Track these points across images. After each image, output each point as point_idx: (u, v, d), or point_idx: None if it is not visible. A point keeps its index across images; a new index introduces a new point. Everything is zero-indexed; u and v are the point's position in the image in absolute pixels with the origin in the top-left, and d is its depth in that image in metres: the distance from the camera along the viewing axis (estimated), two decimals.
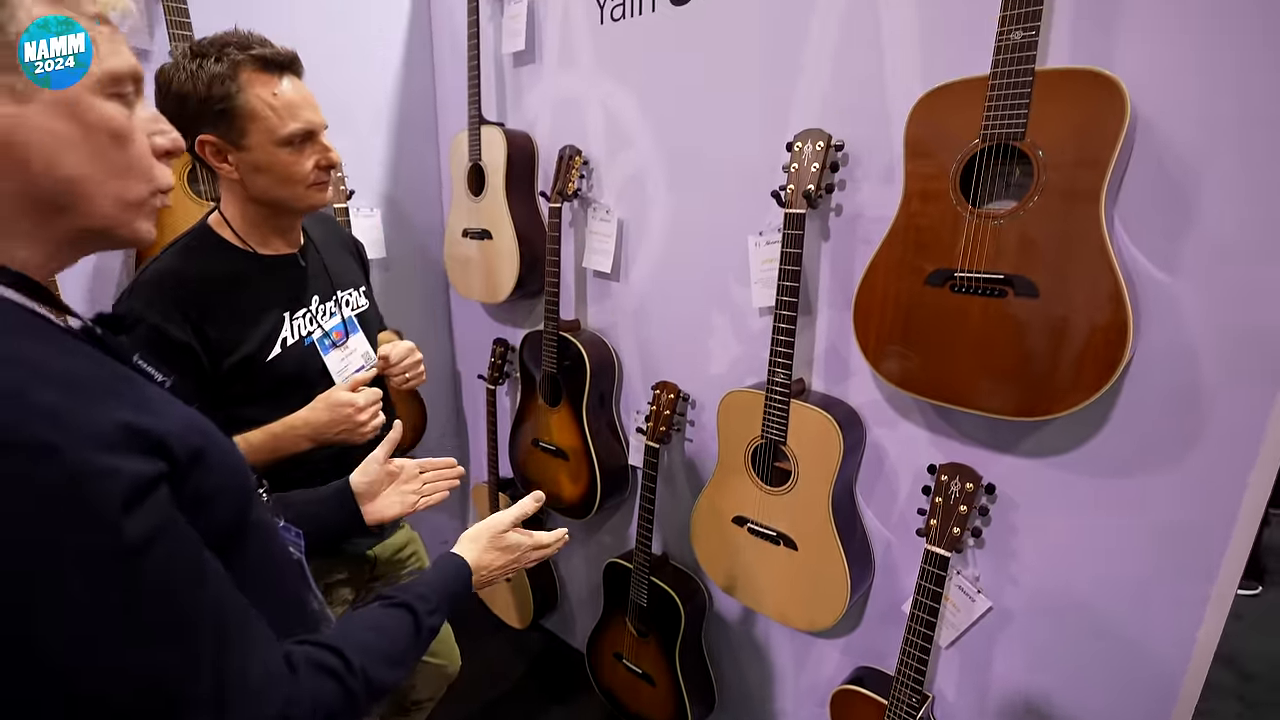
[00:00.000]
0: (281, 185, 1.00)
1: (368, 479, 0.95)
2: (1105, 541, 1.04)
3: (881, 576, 1.33)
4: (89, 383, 0.45)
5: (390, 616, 0.69)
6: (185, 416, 0.50)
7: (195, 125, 0.95)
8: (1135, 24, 0.90)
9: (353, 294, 1.20)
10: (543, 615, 2.15)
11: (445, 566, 0.81)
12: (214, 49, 0.93)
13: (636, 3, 1.47)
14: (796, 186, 1.17)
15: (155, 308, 0.94)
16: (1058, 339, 0.94)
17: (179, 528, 0.47)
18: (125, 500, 0.42)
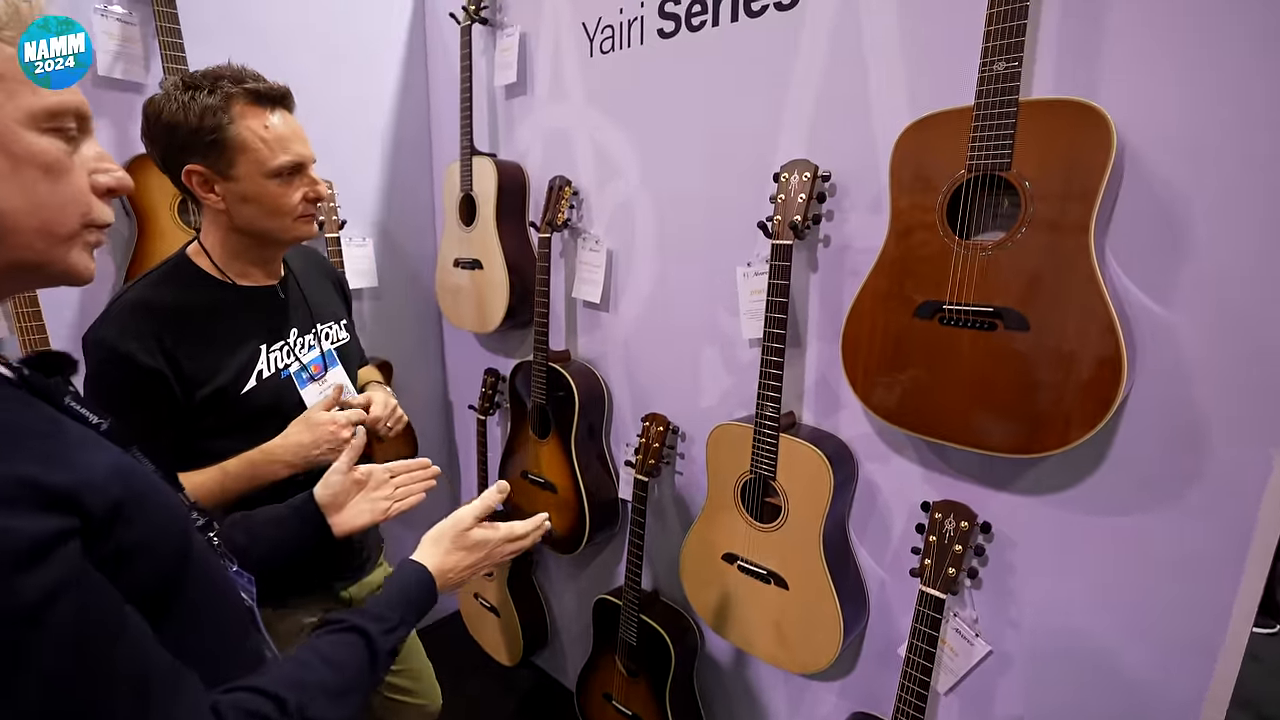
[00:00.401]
0: (268, 217, 1.00)
1: (331, 490, 0.91)
2: (1109, 582, 1.00)
3: (877, 616, 1.28)
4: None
5: (338, 644, 0.66)
6: (110, 467, 0.48)
7: (183, 155, 0.95)
8: (1118, 54, 0.89)
9: (333, 327, 1.18)
10: (533, 652, 2.09)
11: (404, 576, 0.77)
12: (207, 81, 0.94)
13: (625, 36, 1.48)
14: (783, 217, 1.15)
15: (126, 335, 0.92)
16: (1050, 373, 0.91)
17: (89, 583, 0.44)
18: (17, 560, 0.40)
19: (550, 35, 1.64)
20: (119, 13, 1.49)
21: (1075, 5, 0.91)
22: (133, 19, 1.51)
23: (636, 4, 1.44)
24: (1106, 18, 0.89)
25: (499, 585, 2.01)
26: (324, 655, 0.64)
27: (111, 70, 1.50)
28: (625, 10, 1.47)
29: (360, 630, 0.67)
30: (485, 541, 0.83)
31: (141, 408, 0.94)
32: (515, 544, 0.87)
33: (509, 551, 0.86)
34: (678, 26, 1.38)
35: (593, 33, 1.54)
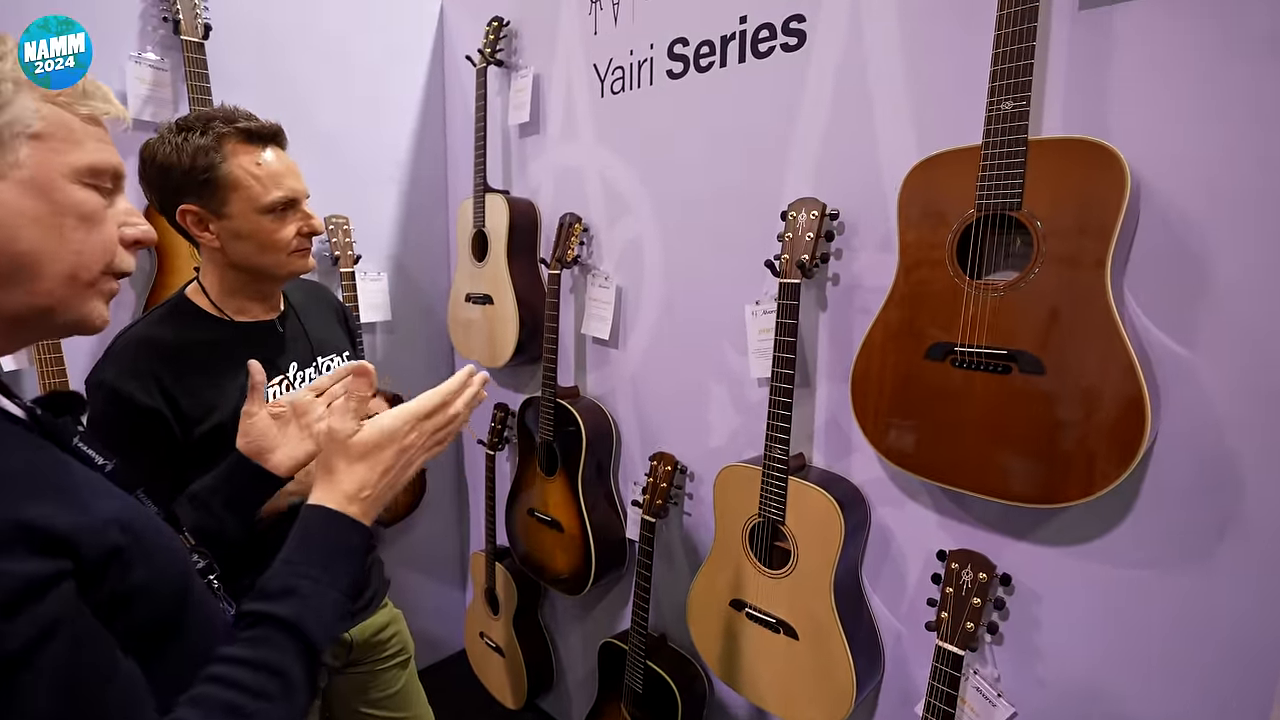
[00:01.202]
0: (263, 252, 1.00)
1: (250, 436, 0.83)
2: (1144, 640, 0.94)
3: (893, 671, 1.21)
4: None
5: (247, 648, 0.54)
6: (112, 512, 0.49)
7: (177, 196, 0.96)
8: (1128, 91, 0.87)
9: (335, 360, 1.18)
10: (538, 695, 2.04)
11: (305, 526, 0.61)
12: (199, 123, 0.96)
13: (635, 77, 1.50)
14: (791, 256, 1.14)
15: (125, 375, 0.93)
16: (1070, 420, 0.87)
17: (81, 626, 0.44)
18: (9, 602, 0.40)
19: (563, 76, 1.67)
20: (152, 59, 1.56)
21: (1082, 43, 0.90)
22: (164, 65, 1.57)
23: (646, 46, 1.46)
24: (1114, 55, 0.88)
25: (505, 625, 1.97)
26: (225, 679, 0.51)
27: (142, 112, 1.56)
28: (635, 52, 1.49)
29: (268, 617, 0.55)
30: (388, 434, 0.65)
31: (142, 446, 0.94)
32: (437, 418, 0.68)
33: (435, 429, 0.68)
34: (686, 68, 1.39)
35: (604, 74, 1.57)
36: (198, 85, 1.55)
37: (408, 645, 1.35)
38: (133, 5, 1.54)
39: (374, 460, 0.64)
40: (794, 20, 1.20)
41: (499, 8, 1.80)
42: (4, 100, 0.48)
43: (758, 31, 1.26)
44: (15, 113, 0.49)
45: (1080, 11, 0.90)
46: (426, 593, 2.28)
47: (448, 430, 0.70)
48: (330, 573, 0.59)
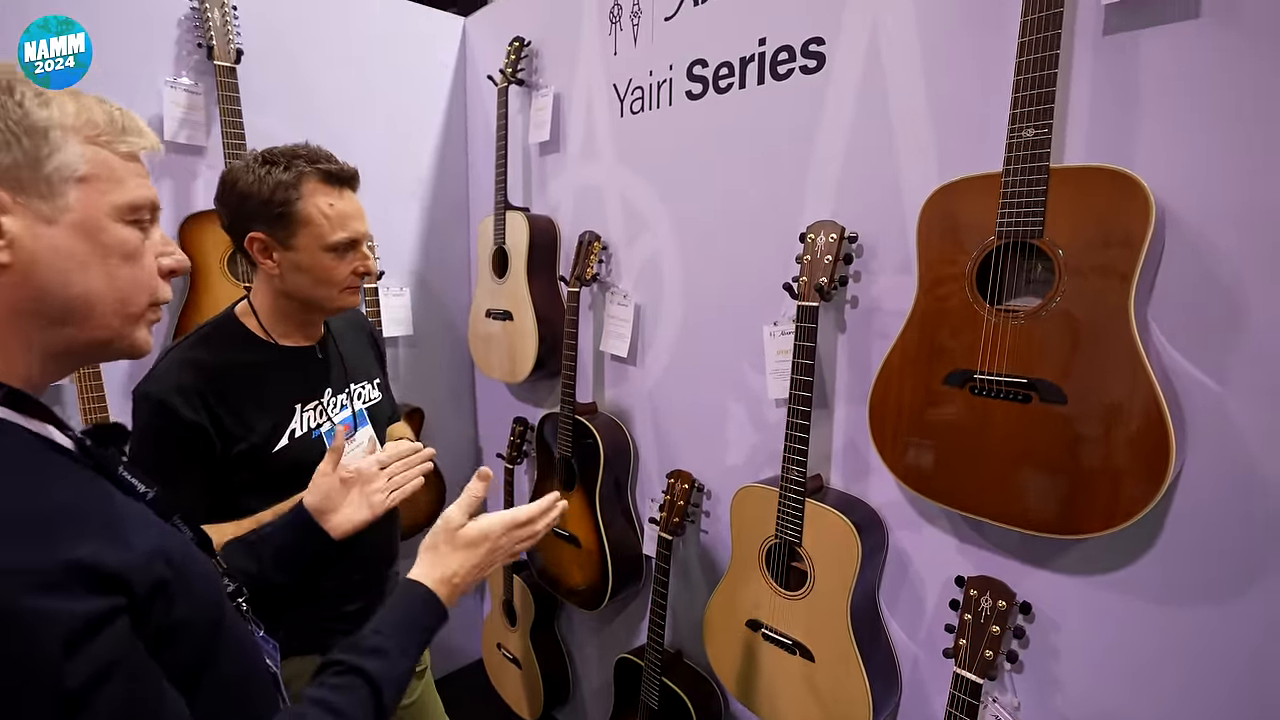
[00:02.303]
0: (318, 286, 1.05)
1: (319, 494, 0.89)
2: (1165, 673, 0.92)
3: (910, 696, 1.20)
4: (45, 517, 0.45)
5: (338, 692, 0.63)
6: (157, 546, 0.50)
7: (250, 223, 1.01)
8: (1154, 117, 0.86)
9: (366, 386, 1.21)
10: (554, 707, 2.04)
11: (405, 600, 0.72)
12: (284, 159, 1.00)
13: (654, 98, 1.51)
14: (809, 278, 1.14)
15: (172, 390, 0.96)
16: (1091, 451, 0.86)
17: (134, 661, 0.46)
18: (69, 642, 0.41)
19: (583, 96, 1.70)
20: (186, 84, 1.61)
21: (1106, 70, 0.89)
22: (198, 89, 1.62)
23: (665, 67, 1.48)
24: (1140, 81, 0.87)
25: (522, 636, 1.98)
26: (326, 704, 0.61)
27: (176, 135, 1.61)
28: (655, 73, 1.50)
29: (358, 670, 0.64)
30: (485, 534, 0.77)
31: (184, 459, 0.98)
32: (524, 530, 0.80)
33: (519, 539, 0.80)
34: (705, 89, 1.40)
35: (623, 94, 1.59)
36: (229, 108, 1.59)
37: (424, 657, 1.38)
38: (169, 32, 1.59)
39: (471, 552, 0.76)
40: (813, 43, 1.21)
41: (520, 28, 1.83)
42: (53, 147, 0.50)
43: (777, 54, 1.27)
44: (64, 158, 0.50)
45: (1104, 37, 0.89)
46: None
47: (527, 543, 0.81)
48: (412, 645, 0.69)
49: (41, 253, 0.49)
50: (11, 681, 0.39)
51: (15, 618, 0.40)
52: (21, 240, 0.48)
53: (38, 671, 0.40)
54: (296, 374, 1.09)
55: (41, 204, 0.49)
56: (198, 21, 1.60)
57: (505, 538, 0.78)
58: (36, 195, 0.49)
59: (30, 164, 0.48)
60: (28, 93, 0.49)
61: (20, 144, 0.48)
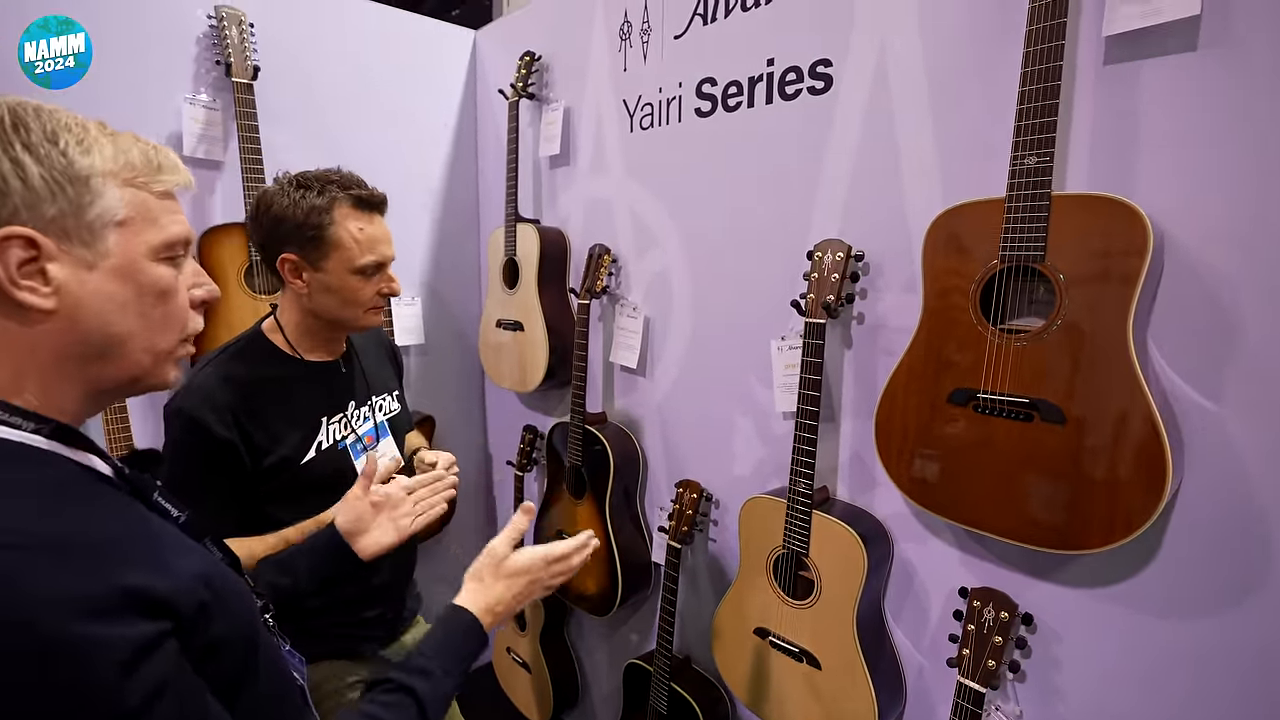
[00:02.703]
0: (344, 306, 1.09)
1: (351, 517, 0.93)
2: (1166, 683, 0.95)
3: (914, 704, 1.23)
4: (96, 546, 0.47)
5: (389, 706, 0.67)
6: (197, 569, 0.52)
7: (283, 245, 1.04)
8: (1153, 145, 0.89)
9: (386, 399, 1.25)
10: (563, 711, 2.08)
11: (451, 625, 0.77)
12: (317, 184, 1.04)
13: (663, 114, 1.54)
14: (816, 296, 1.17)
15: (204, 407, 1.00)
16: (1090, 469, 0.89)
17: (184, 681, 0.48)
18: (125, 666, 0.43)
19: (592, 111, 1.72)
20: (204, 100, 1.64)
21: (1106, 99, 0.92)
22: (215, 105, 1.66)
23: (675, 84, 1.50)
24: (1140, 110, 0.89)
25: (531, 641, 2.02)
26: (378, 718, 0.66)
27: (195, 150, 1.64)
28: (664, 90, 1.53)
29: (407, 689, 0.68)
30: (528, 567, 0.82)
31: (214, 474, 1.01)
32: (561, 564, 0.85)
33: (556, 573, 0.84)
34: (714, 107, 1.43)
35: (633, 110, 1.61)
36: (246, 124, 1.63)
37: None
38: (188, 49, 1.63)
39: (513, 582, 0.81)
40: (820, 65, 1.24)
41: (530, 43, 1.86)
42: (95, 194, 0.51)
43: (785, 74, 1.29)
44: (105, 204, 0.51)
45: (1105, 67, 0.92)
46: None
47: (562, 577, 0.86)
48: (456, 668, 0.73)
49: (85, 298, 0.51)
50: (70, 707, 0.41)
51: (72, 646, 0.41)
52: (68, 287, 0.50)
53: (94, 697, 0.42)
54: (322, 388, 1.13)
55: (84, 251, 0.50)
56: (216, 39, 1.63)
57: (544, 571, 0.83)
58: (80, 243, 0.50)
59: (74, 212, 0.50)
60: (70, 141, 0.51)
61: (65, 193, 0.49)
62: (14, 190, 0.48)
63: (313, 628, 1.09)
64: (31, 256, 0.48)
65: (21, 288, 0.48)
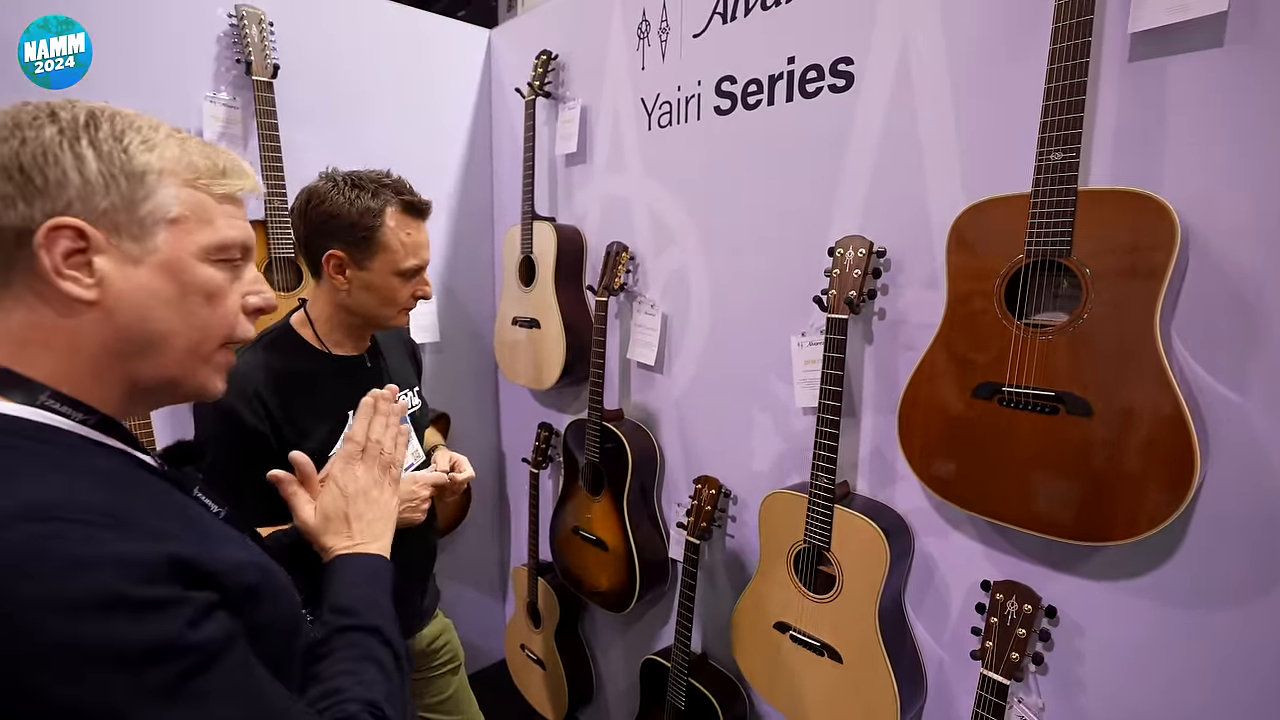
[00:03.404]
0: (382, 305, 1.12)
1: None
2: (1190, 676, 0.95)
3: (935, 697, 1.24)
4: (144, 520, 0.48)
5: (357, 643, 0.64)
6: (239, 554, 0.53)
7: (331, 240, 1.07)
8: (1179, 141, 0.90)
9: (407, 394, 1.26)
10: (578, 708, 2.08)
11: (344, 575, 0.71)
12: (370, 185, 1.07)
13: (682, 112, 1.55)
14: (838, 292, 1.18)
15: (237, 397, 1.01)
16: (1116, 462, 0.90)
17: (239, 648, 0.49)
18: (192, 619, 0.45)
19: (610, 109, 1.74)
20: (225, 98, 1.65)
21: (1132, 94, 0.93)
22: (235, 103, 1.67)
23: (694, 83, 1.51)
24: (1167, 106, 0.90)
25: (546, 638, 2.02)
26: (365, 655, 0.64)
27: None
28: (683, 88, 1.54)
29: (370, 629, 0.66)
30: (325, 507, 0.75)
31: (247, 465, 1.01)
32: (347, 450, 0.78)
33: (346, 461, 0.78)
34: (734, 105, 1.44)
35: (651, 108, 1.63)
36: (266, 121, 1.64)
37: (458, 653, 1.44)
38: (208, 48, 1.64)
39: (336, 522, 0.76)
40: (842, 62, 1.25)
41: (546, 41, 1.87)
42: (149, 190, 0.52)
43: (805, 72, 1.30)
44: (158, 201, 0.52)
45: (1131, 64, 0.93)
46: (468, 604, 2.34)
47: (385, 456, 0.80)
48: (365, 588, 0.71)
49: (128, 292, 0.51)
50: (131, 665, 0.42)
51: (137, 605, 0.43)
52: (111, 279, 0.50)
53: (159, 653, 0.43)
54: (348, 382, 1.14)
55: (132, 245, 0.51)
56: (236, 38, 1.64)
57: (339, 476, 0.77)
58: (129, 237, 0.51)
59: (126, 207, 0.51)
60: (135, 139, 0.52)
61: (119, 187, 0.50)
62: (71, 182, 0.49)
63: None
64: (80, 248, 0.49)
65: (65, 278, 0.49)
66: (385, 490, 0.79)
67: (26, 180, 0.48)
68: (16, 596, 0.40)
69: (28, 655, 0.39)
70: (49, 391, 0.50)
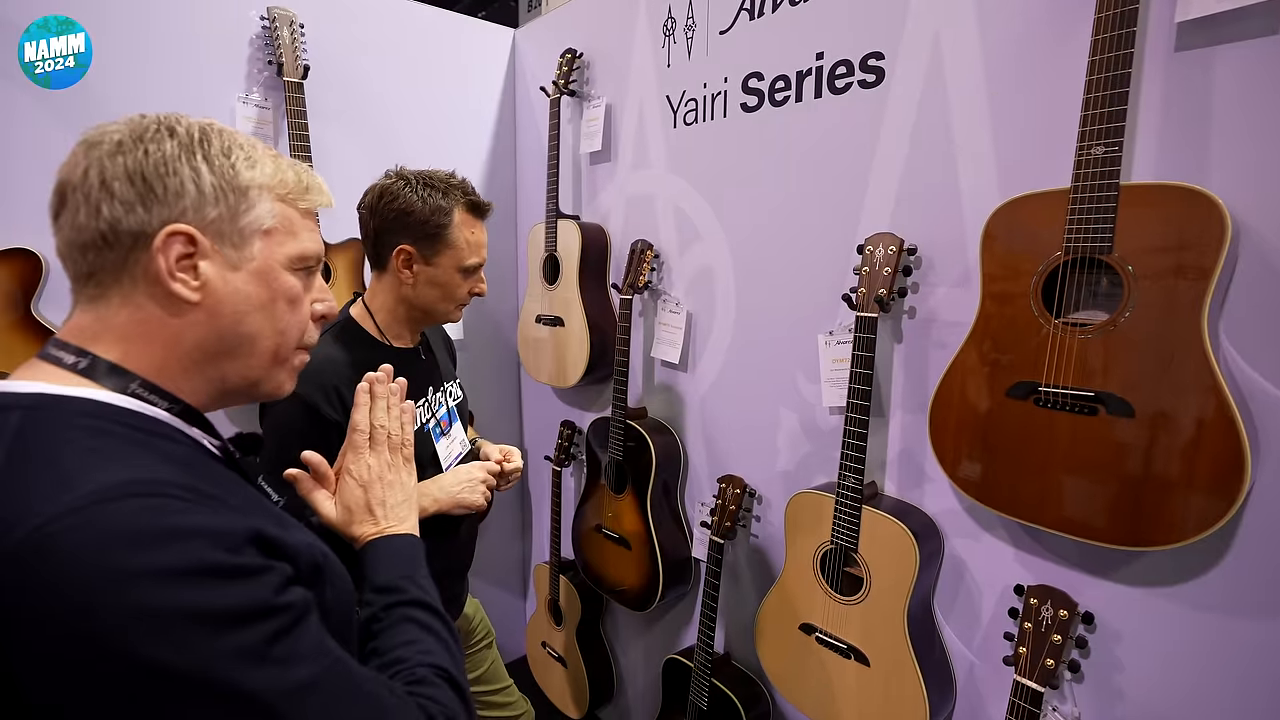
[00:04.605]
0: (443, 300, 1.16)
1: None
2: (1231, 688, 0.92)
3: (964, 703, 1.22)
4: (222, 498, 0.51)
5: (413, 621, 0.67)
6: (305, 537, 0.56)
7: (403, 235, 1.10)
8: (1227, 135, 0.86)
9: (452, 386, 1.30)
10: (598, 706, 2.08)
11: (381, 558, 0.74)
12: (440, 184, 1.11)
13: (708, 109, 1.54)
14: (868, 290, 1.16)
15: (313, 391, 1.04)
16: (1161, 465, 0.87)
17: (313, 617, 0.51)
18: (279, 585, 0.48)
19: (635, 107, 1.73)
20: (257, 99, 1.68)
21: (1178, 86, 0.90)
22: (267, 104, 1.69)
23: (720, 80, 1.50)
24: (1214, 97, 0.87)
25: (568, 636, 2.03)
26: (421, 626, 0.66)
27: None
28: (709, 85, 1.53)
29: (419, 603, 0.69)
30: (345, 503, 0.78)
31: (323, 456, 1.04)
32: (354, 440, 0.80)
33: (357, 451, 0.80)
34: (761, 101, 1.43)
35: (676, 105, 1.62)
36: (296, 122, 1.66)
37: (490, 629, 1.53)
38: (240, 51, 1.66)
39: (360, 513, 0.78)
40: (872, 58, 1.23)
41: (571, 40, 1.87)
42: (251, 204, 0.57)
43: (834, 68, 1.29)
44: (257, 213, 0.57)
45: (1176, 54, 0.90)
46: (489, 600, 2.34)
47: (393, 439, 0.82)
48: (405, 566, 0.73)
49: (226, 295, 0.56)
50: (222, 624, 0.44)
51: (227, 570, 0.45)
52: (213, 283, 0.55)
53: (246, 614, 0.45)
54: (408, 373, 1.15)
55: (233, 252, 0.56)
56: (268, 40, 1.67)
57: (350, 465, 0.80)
58: (230, 245, 0.56)
59: (231, 217, 0.55)
60: (240, 156, 0.57)
61: (227, 200, 0.55)
62: (188, 193, 0.53)
63: None
64: (189, 253, 0.54)
65: (176, 279, 0.53)
66: (401, 472, 0.82)
67: (148, 189, 0.52)
68: (127, 564, 0.42)
69: (130, 617, 0.41)
70: (139, 380, 0.54)
